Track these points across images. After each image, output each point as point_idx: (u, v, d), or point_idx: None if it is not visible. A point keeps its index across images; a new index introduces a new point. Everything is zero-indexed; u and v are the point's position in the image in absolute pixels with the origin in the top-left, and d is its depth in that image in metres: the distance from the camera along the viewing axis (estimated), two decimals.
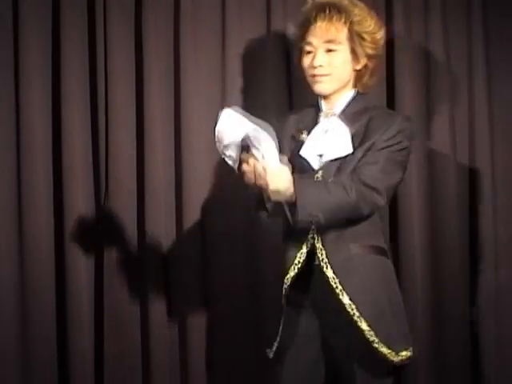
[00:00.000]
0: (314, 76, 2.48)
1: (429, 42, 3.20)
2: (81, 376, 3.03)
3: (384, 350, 2.37)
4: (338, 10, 2.45)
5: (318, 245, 2.41)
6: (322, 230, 2.39)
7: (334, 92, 2.50)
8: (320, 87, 2.48)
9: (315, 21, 2.46)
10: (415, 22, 3.19)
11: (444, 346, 3.23)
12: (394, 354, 2.39)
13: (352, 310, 2.36)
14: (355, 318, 2.36)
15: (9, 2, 2.99)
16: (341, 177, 2.38)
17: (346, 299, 2.37)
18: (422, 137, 3.21)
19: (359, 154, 2.39)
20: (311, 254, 2.43)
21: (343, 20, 2.45)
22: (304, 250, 2.43)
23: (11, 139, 3.01)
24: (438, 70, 3.22)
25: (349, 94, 2.51)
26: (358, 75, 2.52)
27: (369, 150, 2.40)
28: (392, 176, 2.41)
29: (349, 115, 2.46)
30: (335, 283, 2.38)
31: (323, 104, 2.52)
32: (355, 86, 2.53)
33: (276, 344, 2.48)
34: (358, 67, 2.50)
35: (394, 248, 3.19)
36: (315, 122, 2.51)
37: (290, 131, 2.53)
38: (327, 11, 2.44)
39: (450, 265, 3.22)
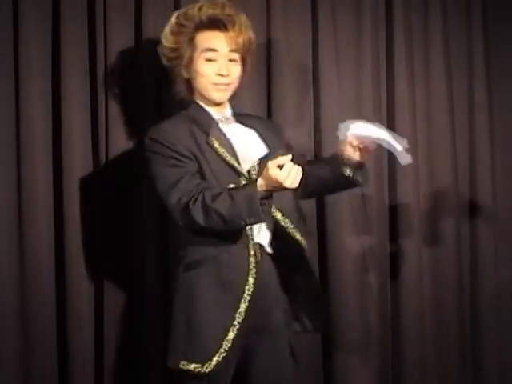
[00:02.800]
0: (216, 84, 2.50)
1: (429, 43, 3.21)
2: (81, 376, 3.03)
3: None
4: (235, 22, 2.49)
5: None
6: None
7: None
8: (221, 95, 2.53)
9: (226, 29, 2.48)
10: (415, 23, 3.20)
11: (445, 347, 3.25)
12: None
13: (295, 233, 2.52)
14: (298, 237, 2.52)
15: (9, 1, 2.98)
16: None
17: (297, 235, 2.52)
18: (422, 138, 3.23)
19: None
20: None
21: (242, 31, 2.49)
22: (252, 251, 2.45)
23: (11, 139, 3.00)
24: (438, 72, 3.23)
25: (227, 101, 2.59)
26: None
27: None
28: None
29: (240, 120, 2.53)
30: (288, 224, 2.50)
31: (212, 111, 2.54)
32: None
33: (217, 358, 2.46)
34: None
35: (394, 248, 3.20)
36: (216, 128, 2.49)
37: (191, 139, 2.48)
38: (238, 22, 2.48)
39: (451, 266, 3.24)
